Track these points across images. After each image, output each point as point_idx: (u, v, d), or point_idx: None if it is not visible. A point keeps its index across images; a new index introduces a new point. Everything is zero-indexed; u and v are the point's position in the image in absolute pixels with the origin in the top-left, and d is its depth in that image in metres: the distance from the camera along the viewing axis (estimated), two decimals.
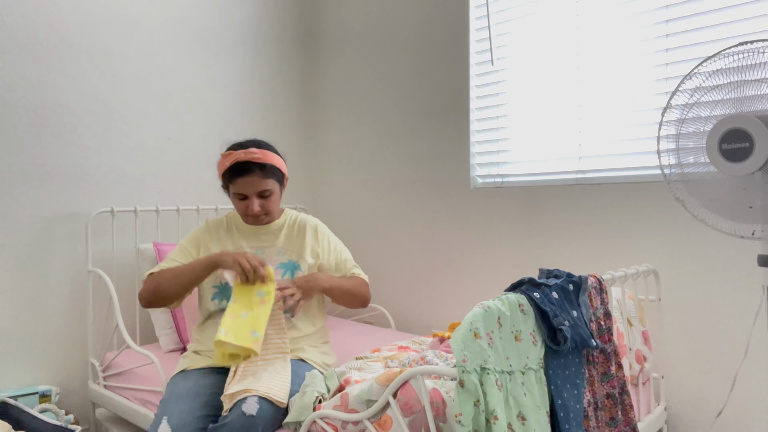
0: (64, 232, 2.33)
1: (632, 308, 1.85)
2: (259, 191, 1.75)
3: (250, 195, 1.75)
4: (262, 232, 1.87)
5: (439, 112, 2.65)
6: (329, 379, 1.56)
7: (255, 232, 1.87)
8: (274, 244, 1.86)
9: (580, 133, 2.21)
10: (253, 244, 1.85)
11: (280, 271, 1.81)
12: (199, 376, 1.64)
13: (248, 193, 1.75)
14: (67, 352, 2.33)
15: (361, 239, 3.00)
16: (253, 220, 1.83)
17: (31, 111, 2.25)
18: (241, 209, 1.79)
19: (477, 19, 2.52)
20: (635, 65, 2.05)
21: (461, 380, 1.08)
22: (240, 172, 1.72)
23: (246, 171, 1.72)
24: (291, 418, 1.44)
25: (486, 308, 1.17)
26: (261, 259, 1.65)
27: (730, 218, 1.45)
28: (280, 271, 1.81)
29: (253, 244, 1.85)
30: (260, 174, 1.73)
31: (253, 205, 1.75)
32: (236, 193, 1.76)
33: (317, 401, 1.46)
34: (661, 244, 2.00)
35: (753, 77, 1.38)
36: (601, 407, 1.40)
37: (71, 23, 2.34)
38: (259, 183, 1.74)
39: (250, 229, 1.87)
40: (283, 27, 3.10)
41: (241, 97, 2.91)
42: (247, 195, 1.75)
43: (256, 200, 1.76)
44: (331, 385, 1.54)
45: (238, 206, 1.80)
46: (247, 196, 1.76)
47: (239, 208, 1.80)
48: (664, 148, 1.54)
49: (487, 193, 2.49)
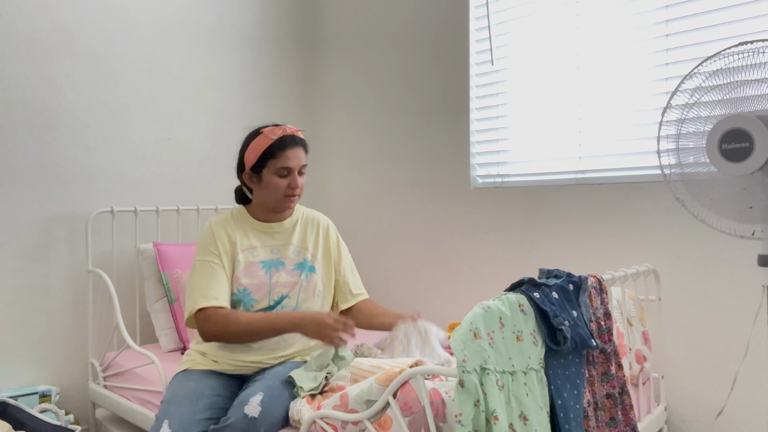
0: (64, 232, 2.33)
1: (632, 308, 1.85)
2: (302, 165, 1.76)
3: (295, 169, 1.74)
4: (276, 230, 1.81)
5: (439, 112, 2.65)
6: (342, 348, 1.68)
7: (268, 230, 1.81)
8: (289, 242, 1.81)
9: (580, 133, 2.21)
10: (266, 243, 1.79)
11: (297, 272, 1.78)
12: (201, 377, 1.63)
13: (294, 167, 1.73)
14: (67, 352, 2.33)
15: (361, 239, 3.00)
16: (289, 201, 1.76)
17: (31, 111, 2.25)
18: (282, 187, 1.73)
19: (477, 19, 2.52)
20: (635, 65, 2.05)
21: (461, 380, 1.08)
22: (291, 143, 1.73)
23: (295, 143, 1.74)
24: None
25: (486, 308, 1.17)
26: (348, 327, 1.57)
27: (730, 218, 1.45)
28: (296, 272, 1.78)
29: (267, 242, 1.79)
30: (302, 148, 1.77)
31: (296, 180, 1.74)
32: (282, 167, 1.71)
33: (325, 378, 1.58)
34: (661, 244, 2.00)
35: (753, 77, 1.38)
36: (601, 407, 1.40)
37: (71, 23, 2.34)
38: (302, 156, 1.76)
39: (262, 226, 1.80)
40: (283, 27, 3.10)
41: (241, 97, 2.91)
42: (293, 169, 1.73)
43: (298, 176, 1.75)
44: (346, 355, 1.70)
45: (279, 185, 1.72)
46: (290, 172, 1.73)
47: (279, 188, 1.72)
48: (664, 148, 1.54)
49: (487, 193, 2.49)
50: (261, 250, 1.78)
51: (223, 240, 1.74)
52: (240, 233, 1.77)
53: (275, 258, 1.78)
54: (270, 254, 1.78)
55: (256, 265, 1.74)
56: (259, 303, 1.72)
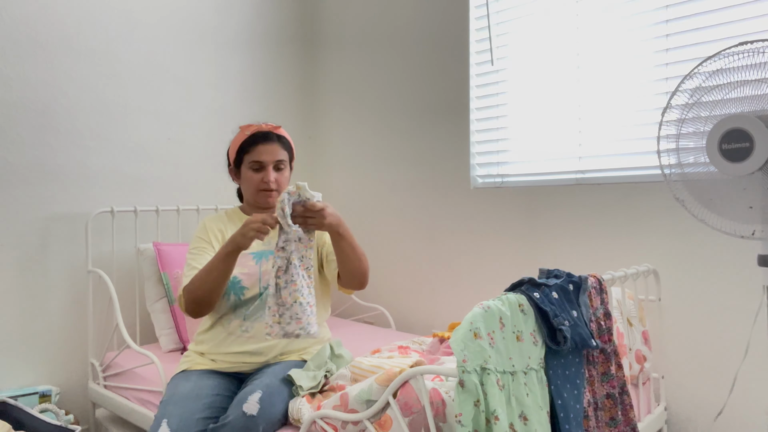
0: (64, 232, 2.33)
1: (632, 308, 1.85)
2: (276, 160, 1.78)
3: (268, 163, 1.77)
4: None
5: (439, 112, 2.65)
6: (338, 347, 1.73)
7: None
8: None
9: (580, 133, 2.21)
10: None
11: None
12: (200, 377, 1.64)
13: (266, 161, 1.76)
14: (67, 352, 2.33)
15: (361, 239, 3.00)
16: (265, 196, 1.79)
17: (31, 111, 2.25)
18: (256, 182, 1.78)
19: (477, 19, 2.52)
20: (635, 65, 2.05)
21: (461, 380, 1.08)
22: (261, 139, 1.77)
23: (266, 138, 1.78)
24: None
25: (486, 308, 1.17)
26: (265, 216, 1.56)
27: (730, 218, 1.45)
28: None
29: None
30: (278, 144, 1.80)
31: (269, 174, 1.77)
32: (254, 162, 1.76)
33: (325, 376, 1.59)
34: (661, 244, 2.00)
35: (753, 77, 1.38)
36: (601, 407, 1.40)
37: (71, 23, 2.34)
38: (277, 151, 1.79)
39: None
40: (283, 27, 3.10)
41: (241, 97, 2.91)
42: (265, 164, 1.76)
43: (272, 171, 1.78)
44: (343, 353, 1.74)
45: (252, 179, 1.77)
46: (263, 167, 1.77)
47: (253, 182, 1.78)
48: (664, 148, 1.54)
49: (487, 193, 2.49)
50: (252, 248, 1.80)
51: (215, 233, 1.82)
52: (232, 228, 1.83)
53: (264, 249, 1.82)
54: (260, 245, 1.82)
55: (247, 256, 1.78)
56: (249, 290, 1.74)
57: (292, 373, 1.57)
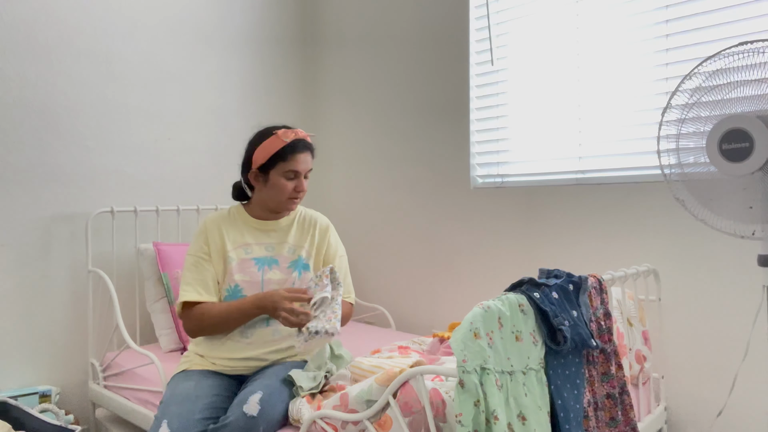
0: (64, 232, 2.33)
1: (632, 308, 1.85)
2: (308, 170, 1.79)
3: (303, 173, 1.77)
4: (271, 228, 1.83)
5: (439, 112, 2.65)
6: (338, 347, 1.74)
7: (264, 227, 1.82)
8: (284, 240, 1.82)
9: (580, 133, 2.21)
10: (261, 241, 1.80)
11: (290, 269, 1.79)
12: (200, 378, 1.63)
13: (302, 171, 1.76)
14: (67, 352, 2.33)
15: (361, 239, 3.00)
16: (292, 204, 1.80)
17: (31, 111, 2.25)
18: (289, 189, 1.76)
19: (477, 19, 2.52)
20: (635, 65, 2.05)
21: (461, 380, 1.08)
22: (302, 148, 1.76)
23: (306, 148, 1.77)
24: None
25: (486, 308, 1.17)
26: (306, 310, 1.61)
27: (730, 218, 1.45)
28: (290, 270, 1.79)
29: (262, 240, 1.80)
30: (311, 154, 1.80)
31: (302, 184, 1.77)
32: (290, 170, 1.74)
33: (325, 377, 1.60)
34: (661, 244, 2.00)
35: (753, 77, 1.38)
36: (601, 407, 1.40)
37: (71, 23, 2.34)
38: (310, 161, 1.80)
39: (258, 223, 1.82)
40: (283, 27, 3.10)
41: (241, 97, 2.91)
42: (300, 173, 1.76)
43: (304, 180, 1.79)
44: (343, 353, 1.75)
45: (285, 188, 1.75)
46: (297, 175, 1.76)
47: (285, 190, 1.75)
48: (664, 148, 1.55)
49: (487, 193, 2.49)
50: (255, 247, 1.79)
51: (215, 237, 1.78)
52: (234, 231, 1.80)
53: (270, 256, 1.79)
54: (264, 251, 1.79)
55: (249, 261, 1.76)
56: None
57: (293, 373, 1.57)
